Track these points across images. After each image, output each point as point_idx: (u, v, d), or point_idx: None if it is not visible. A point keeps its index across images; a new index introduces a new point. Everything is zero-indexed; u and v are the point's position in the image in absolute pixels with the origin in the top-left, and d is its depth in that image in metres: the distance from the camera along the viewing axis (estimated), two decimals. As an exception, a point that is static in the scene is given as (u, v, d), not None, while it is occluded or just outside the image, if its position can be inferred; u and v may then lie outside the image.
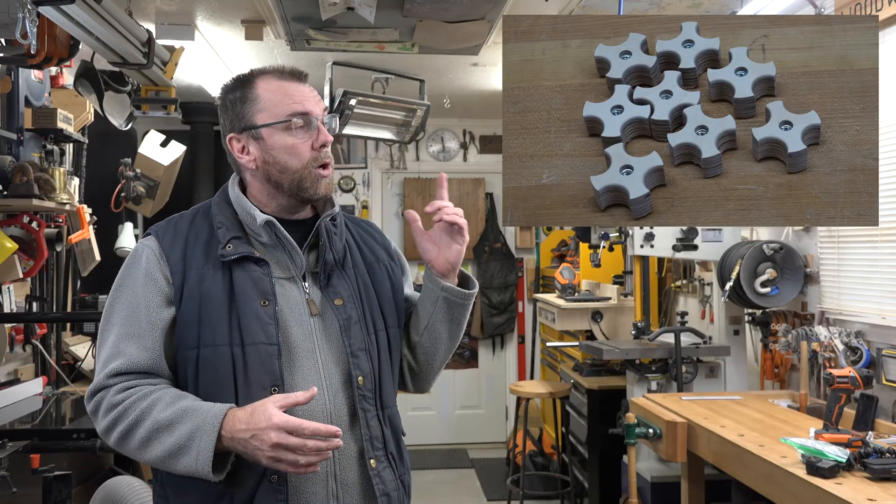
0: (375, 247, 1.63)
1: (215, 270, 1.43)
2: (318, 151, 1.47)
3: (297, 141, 1.47)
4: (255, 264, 1.44)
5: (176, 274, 1.43)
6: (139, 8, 3.23)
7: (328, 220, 1.52)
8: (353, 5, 2.81)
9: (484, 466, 5.63)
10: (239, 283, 1.42)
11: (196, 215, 1.52)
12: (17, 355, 3.55)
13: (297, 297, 1.47)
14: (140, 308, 1.41)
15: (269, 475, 1.36)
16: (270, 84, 1.49)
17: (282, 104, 1.47)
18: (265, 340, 1.39)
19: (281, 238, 1.47)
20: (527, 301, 6.23)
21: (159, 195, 4.35)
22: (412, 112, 4.07)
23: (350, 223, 1.63)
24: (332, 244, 1.51)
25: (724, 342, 3.49)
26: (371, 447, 1.45)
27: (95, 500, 2.62)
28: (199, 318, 1.40)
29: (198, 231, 1.48)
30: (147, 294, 1.42)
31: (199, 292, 1.41)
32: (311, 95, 1.50)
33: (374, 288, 1.55)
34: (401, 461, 1.52)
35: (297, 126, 1.46)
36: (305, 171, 1.47)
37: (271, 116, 1.46)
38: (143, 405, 1.35)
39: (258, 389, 1.37)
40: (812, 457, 1.97)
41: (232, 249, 1.44)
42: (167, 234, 1.48)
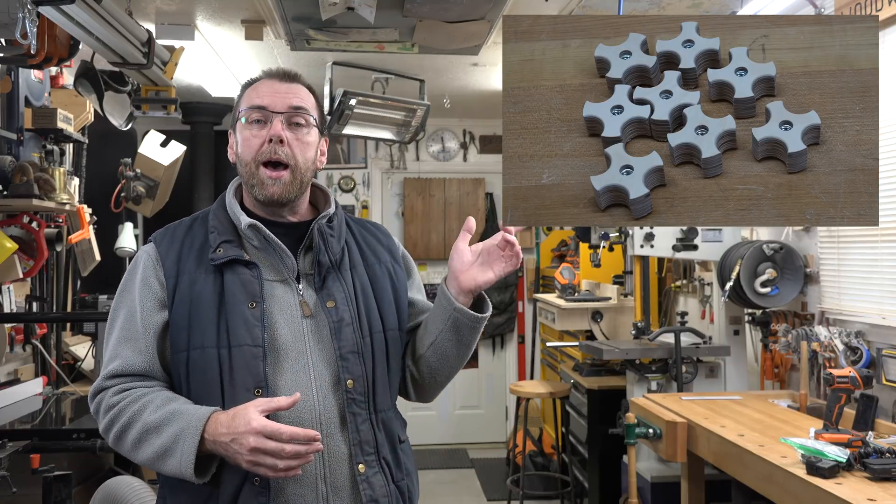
0: (378, 248, 1.61)
1: (207, 274, 1.45)
2: (269, 146, 1.45)
3: (250, 133, 1.47)
4: (245, 267, 1.45)
5: (170, 278, 1.45)
6: (139, 8, 3.23)
7: (324, 221, 1.51)
8: (353, 5, 2.81)
9: (484, 466, 5.63)
10: (228, 287, 1.43)
11: (195, 221, 1.55)
12: (17, 355, 3.55)
13: (289, 299, 1.46)
14: (136, 312, 1.45)
15: (251, 478, 1.36)
16: (258, 83, 1.51)
17: (247, 99, 1.49)
18: (250, 342, 1.39)
19: (269, 241, 1.47)
20: (527, 301, 6.23)
21: (159, 195, 4.35)
22: (412, 112, 4.07)
23: (353, 224, 1.62)
24: (329, 246, 1.50)
25: (724, 342, 3.49)
26: (360, 451, 1.43)
27: (95, 500, 2.62)
28: (189, 321, 1.42)
29: (194, 236, 1.50)
30: (143, 299, 1.45)
31: (190, 296, 1.43)
32: (282, 91, 1.48)
33: (374, 290, 1.54)
34: (397, 467, 1.49)
35: (251, 119, 1.47)
36: (251, 168, 1.46)
37: (239, 110, 1.50)
38: (134, 408, 1.38)
39: (242, 391, 1.38)
40: (812, 457, 1.97)
41: (222, 253, 1.45)
42: (164, 239, 1.52)
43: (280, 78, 1.50)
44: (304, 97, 1.51)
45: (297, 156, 1.47)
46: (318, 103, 1.56)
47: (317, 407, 1.41)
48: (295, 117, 1.48)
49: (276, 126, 1.45)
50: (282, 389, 1.40)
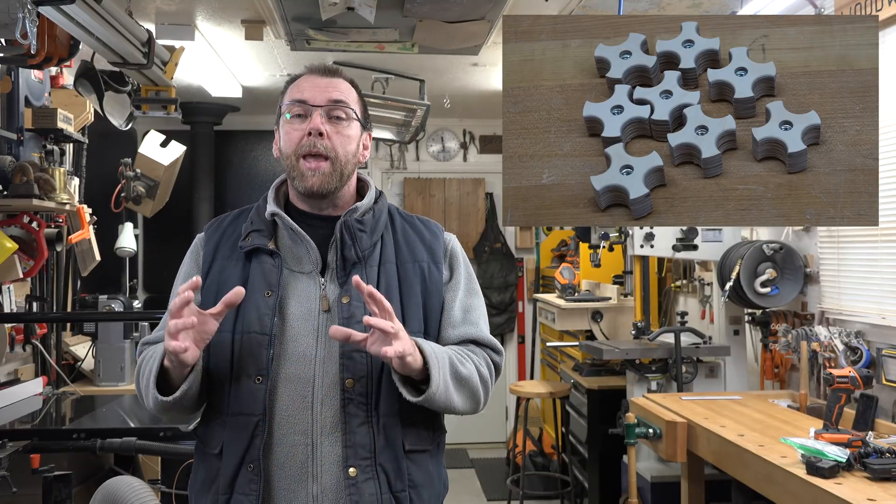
0: (417, 246, 1.55)
1: (236, 262, 1.49)
2: (309, 139, 1.45)
3: (291, 127, 1.48)
4: (269, 256, 1.47)
5: (205, 264, 1.52)
6: (139, 8, 3.23)
7: (353, 216, 1.48)
8: (353, 5, 2.81)
9: (484, 466, 5.63)
10: (252, 274, 1.46)
11: (242, 212, 1.59)
12: (17, 355, 3.55)
13: (311, 291, 1.46)
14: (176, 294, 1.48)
15: (246, 462, 1.39)
16: (301, 79, 1.52)
17: (289, 95, 1.51)
18: (258, 330, 1.41)
19: (295, 232, 1.48)
20: (527, 301, 6.23)
21: (159, 195, 4.35)
22: (412, 112, 4.07)
23: (399, 219, 1.58)
24: (357, 240, 1.47)
25: (724, 342, 3.49)
26: (353, 455, 1.38)
27: (95, 500, 2.61)
28: (214, 304, 1.42)
29: (236, 226, 1.55)
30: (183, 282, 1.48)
31: (219, 281, 1.48)
32: (322, 85, 1.48)
33: (401, 289, 1.48)
34: (398, 476, 1.41)
35: (293, 113, 1.48)
36: (292, 161, 1.48)
37: (282, 104, 1.52)
38: (144, 358, 1.48)
39: (244, 378, 1.40)
40: (812, 457, 1.97)
41: (249, 242, 1.49)
42: (211, 227, 1.58)
43: (321, 73, 1.51)
44: (344, 91, 1.50)
45: (336, 148, 1.46)
46: (360, 97, 1.55)
47: (315, 403, 1.40)
48: (335, 111, 1.48)
49: (315, 119, 1.45)
50: (282, 380, 1.40)
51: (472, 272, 1.61)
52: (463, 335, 1.52)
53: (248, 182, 5.97)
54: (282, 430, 1.40)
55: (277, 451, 1.40)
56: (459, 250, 1.61)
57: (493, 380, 1.57)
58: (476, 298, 1.58)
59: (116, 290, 4.60)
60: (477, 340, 1.54)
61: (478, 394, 1.51)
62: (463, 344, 1.52)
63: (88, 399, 3.38)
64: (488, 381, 1.54)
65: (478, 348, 1.54)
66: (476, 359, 1.51)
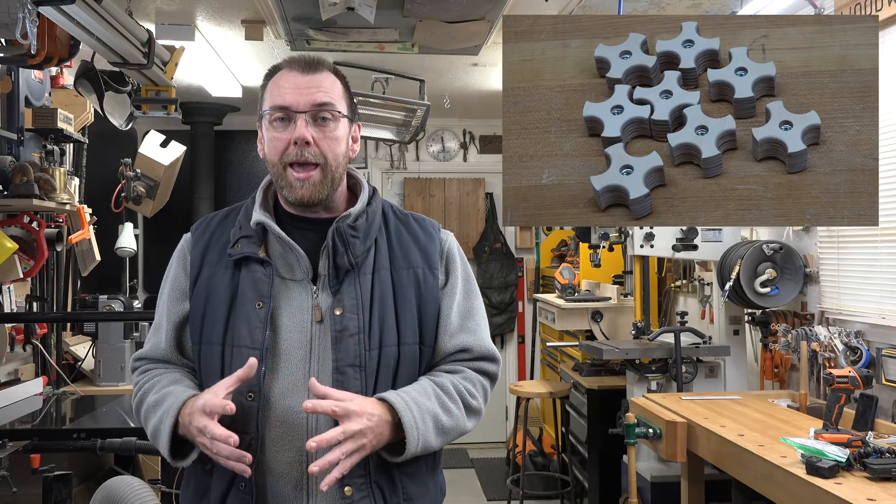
0: (412, 250, 1.47)
1: (225, 269, 1.42)
2: (295, 147, 1.37)
3: (275, 134, 1.39)
4: (259, 265, 1.39)
5: (193, 269, 1.45)
6: (139, 8, 3.23)
7: (345, 222, 1.41)
8: (353, 5, 2.81)
9: (484, 466, 5.63)
10: (242, 284, 1.39)
11: (231, 212, 1.50)
12: (18, 355, 3.55)
13: (303, 301, 1.39)
14: (164, 302, 1.48)
15: (238, 481, 1.33)
16: (280, 75, 1.42)
17: (271, 95, 1.41)
18: (249, 344, 1.35)
19: (283, 240, 1.40)
20: (527, 301, 6.23)
21: (159, 195, 4.36)
22: (412, 112, 4.07)
23: (394, 219, 1.50)
24: (350, 247, 1.40)
25: (724, 342, 3.49)
26: (349, 473, 1.30)
27: (95, 500, 2.61)
28: (202, 315, 1.40)
29: (224, 228, 1.47)
30: (171, 288, 1.48)
31: (207, 289, 1.41)
32: (303, 86, 1.38)
33: (395, 297, 1.41)
34: (393, 493, 1.38)
35: (275, 118, 1.38)
36: (279, 169, 1.39)
37: (263, 108, 1.43)
38: (145, 388, 1.43)
39: (236, 395, 1.31)
40: (812, 457, 1.97)
41: (238, 249, 1.41)
42: (198, 229, 1.50)
43: (302, 68, 1.40)
44: (328, 88, 1.40)
45: (325, 153, 1.39)
46: (345, 88, 1.45)
47: (309, 420, 1.34)
48: (320, 114, 1.39)
49: (300, 128, 1.36)
50: (275, 395, 1.34)
51: (470, 272, 1.55)
52: (459, 345, 1.48)
53: (248, 182, 5.97)
54: (275, 448, 1.34)
55: (271, 469, 1.35)
56: (456, 250, 1.54)
57: (487, 398, 1.54)
58: (474, 301, 1.53)
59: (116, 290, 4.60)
60: (472, 350, 1.50)
61: (464, 429, 1.47)
62: (458, 354, 1.48)
63: (89, 399, 3.38)
64: (479, 409, 1.50)
65: (472, 363, 1.50)
66: (467, 386, 1.47)
